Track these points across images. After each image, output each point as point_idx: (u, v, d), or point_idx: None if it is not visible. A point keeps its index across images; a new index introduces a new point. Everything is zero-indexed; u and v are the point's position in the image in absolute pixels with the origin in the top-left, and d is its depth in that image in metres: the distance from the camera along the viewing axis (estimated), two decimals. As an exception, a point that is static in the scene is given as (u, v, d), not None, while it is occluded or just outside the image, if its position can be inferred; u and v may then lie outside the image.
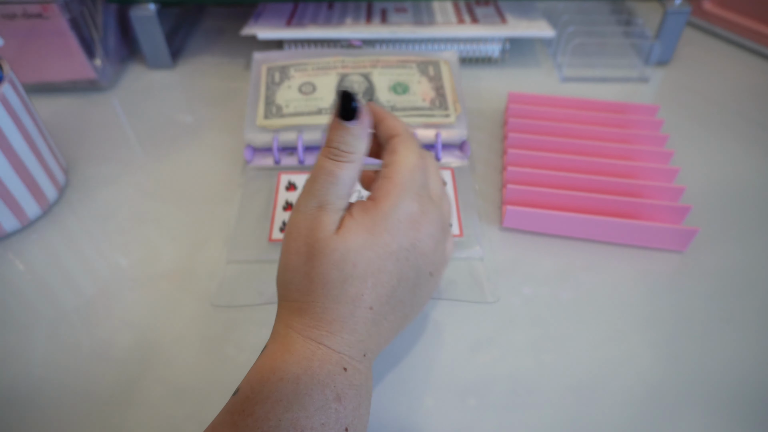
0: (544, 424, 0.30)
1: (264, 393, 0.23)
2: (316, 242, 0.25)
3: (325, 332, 0.25)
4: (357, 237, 0.25)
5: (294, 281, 0.26)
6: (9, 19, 0.48)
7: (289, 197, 0.43)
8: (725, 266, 0.38)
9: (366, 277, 0.25)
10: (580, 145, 0.45)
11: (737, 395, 0.31)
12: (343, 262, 0.25)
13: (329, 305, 0.25)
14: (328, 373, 0.24)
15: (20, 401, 0.31)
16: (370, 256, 0.25)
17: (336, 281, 0.25)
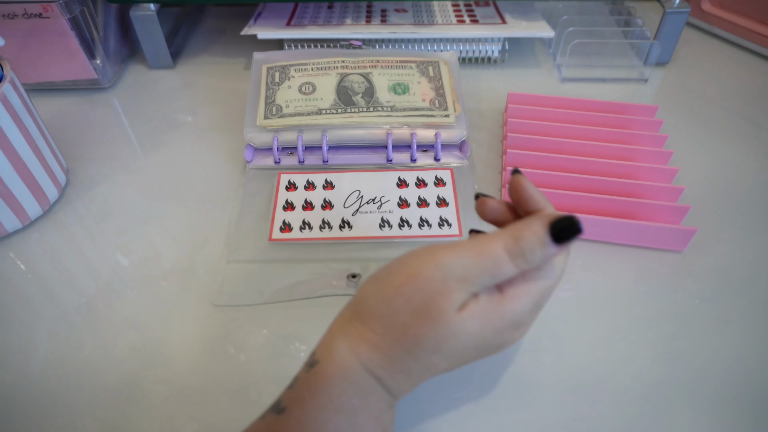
0: (544, 424, 0.30)
1: (319, 422, 0.23)
2: (435, 309, 0.24)
3: (390, 377, 0.24)
4: (471, 327, 0.24)
5: (387, 320, 0.24)
6: (9, 18, 0.48)
7: (289, 197, 0.42)
8: (724, 266, 0.38)
9: (452, 357, 0.25)
10: (580, 146, 0.45)
11: (736, 394, 0.31)
12: (446, 340, 0.24)
13: (409, 361, 0.24)
14: (380, 410, 0.24)
15: (21, 401, 0.31)
16: (467, 345, 0.25)
17: (429, 349, 0.24)
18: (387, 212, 0.41)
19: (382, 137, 0.45)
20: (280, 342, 0.34)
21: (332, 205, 0.42)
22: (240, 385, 0.32)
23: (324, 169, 0.45)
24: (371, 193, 0.42)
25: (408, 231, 0.40)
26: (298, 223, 0.40)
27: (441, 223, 0.40)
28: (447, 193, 0.42)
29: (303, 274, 0.38)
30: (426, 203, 0.42)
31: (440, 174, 0.44)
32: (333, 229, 0.40)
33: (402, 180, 0.43)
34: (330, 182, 0.43)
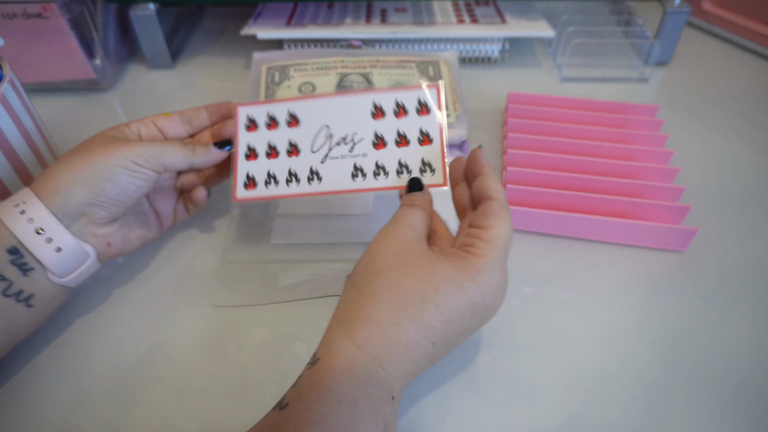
0: (544, 423, 0.30)
1: (320, 415, 0.23)
2: (406, 250, 0.27)
3: (388, 353, 0.25)
4: (446, 268, 0.26)
5: (374, 285, 0.26)
6: (9, 18, 0.48)
7: (250, 140, 0.37)
8: (724, 266, 0.38)
9: (442, 311, 0.26)
10: (580, 145, 0.45)
11: (736, 394, 0.31)
12: (427, 279, 0.26)
13: (402, 322, 0.25)
14: (381, 401, 0.24)
15: (21, 401, 0.31)
16: (453, 292, 0.26)
17: (417, 297, 0.25)
18: (360, 156, 0.35)
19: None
20: (280, 342, 0.34)
21: (298, 150, 0.36)
22: (240, 385, 0.32)
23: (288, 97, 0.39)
24: (342, 128, 0.36)
25: (384, 180, 0.34)
26: (262, 177, 0.36)
27: (423, 168, 0.34)
28: (432, 124, 0.35)
29: (303, 274, 0.37)
30: (406, 140, 0.35)
31: (421, 95, 0.35)
32: (301, 182, 0.36)
33: (378, 107, 0.36)
34: (294, 115, 0.37)
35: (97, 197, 0.31)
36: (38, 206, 0.30)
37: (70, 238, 0.31)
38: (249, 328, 0.35)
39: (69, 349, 0.34)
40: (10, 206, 0.30)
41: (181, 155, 0.34)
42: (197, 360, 0.33)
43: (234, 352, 0.33)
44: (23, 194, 0.31)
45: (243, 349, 0.33)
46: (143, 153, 0.32)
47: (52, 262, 0.30)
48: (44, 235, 0.30)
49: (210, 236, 0.41)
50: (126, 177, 0.32)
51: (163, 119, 0.37)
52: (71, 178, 0.31)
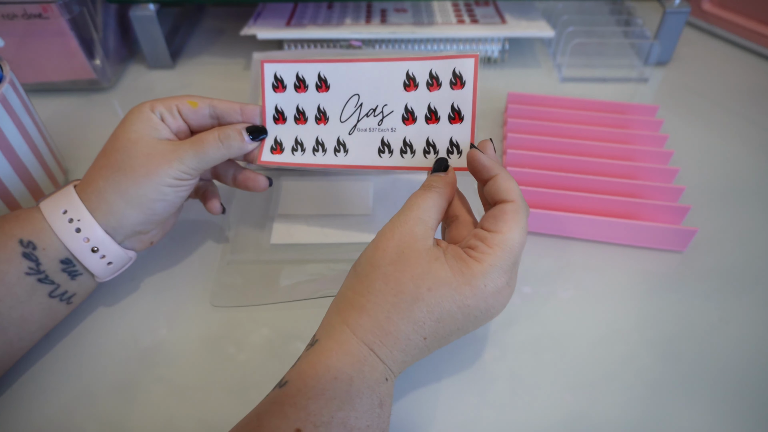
0: (544, 423, 0.30)
1: (318, 389, 0.24)
2: (407, 247, 0.27)
3: (379, 341, 0.26)
4: (442, 270, 0.27)
5: (371, 277, 0.27)
6: (9, 19, 0.48)
7: (279, 102, 0.36)
8: (724, 266, 0.38)
9: (433, 310, 0.26)
10: (580, 146, 0.45)
11: (736, 394, 0.31)
12: (421, 278, 0.26)
13: (393, 316, 0.26)
14: (375, 380, 0.25)
15: (21, 401, 0.31)
16: (447, 295, 0.26)
17: (409, 294, 0.26)
18: (389, 131, 0.34)
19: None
20: (280, 342, 0.34)
21: (327, 118, 0.35)
22: (240, 385, 0.32)
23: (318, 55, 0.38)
24: (373, 98, 0.35)
25: (410, 160, 0.33)
26: (290, 143, 0.36)
27: (450, 149, 0.33)
28: (464, 100, 0.33)
29: (302, 274, 0.38)
30: (436, 116, 0.33)
31: (458, 65, 0.33)
32: (327, 152, 0.35)
33: (411, 77, 0.34)
34: (324, 79, 0.36)
35: (149, 217, 0.32)
36: (94, 227, 0.31)
37: (120, 252, 0.33)
38: (249, 328, 0.35)
39: (69, 348, 0.34)
40: (63, 219, 0.30)
41: (218, 153, 0.33)
42: (197, 359, 0.33)
43: (234, 351, 0.33)
44: (75, 207, 0.31)
45: (243, 349, 0.33)
46: (186, 167, 0.32)
47: (102, 271, 0.32)
48: (99, 252, 0.32)
49: (210, 237, 0.41)
50: (173, 193, 0.33)
51: (189, 108, 0.34)
52: (124, 202, 0.31)
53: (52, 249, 0.30)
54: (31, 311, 0.30)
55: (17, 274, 0.29)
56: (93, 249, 0.31)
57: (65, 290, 0.31)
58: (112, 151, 0.32)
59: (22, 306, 0.30)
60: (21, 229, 0.30)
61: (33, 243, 0.30)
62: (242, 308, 0.36)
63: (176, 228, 0.41)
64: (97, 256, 0.31)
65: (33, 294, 0.30)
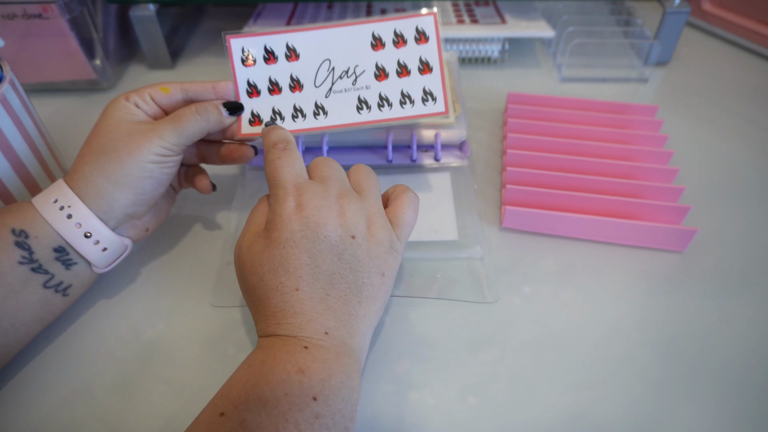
0: (544, 423, 0.30)
1: (233, 379, 0.26)
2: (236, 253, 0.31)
3: (274, 324, 0.27)
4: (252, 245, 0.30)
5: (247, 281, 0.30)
6: (9, 19, 0.48)
7: (250, 75, 0.37)
8: (724, 266, 0.38)
9: (274, 269, 0.28)
10: (580, 146, 0.45)
11: (736, 394, 0.31)
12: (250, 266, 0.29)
13: (264, 300, 0.28)
14: (287, 352, 0.26)
15: (21, 399, 0.31)
16: (260, 249, 0.29)
17: (255, 281, 0.29)
18: (364, 88, 0.36)
19: (382, 137, 0.45)
20: (280, 342, 0.34)
21: (301, 85, 0.37)
22: (240, 386, 0.32)
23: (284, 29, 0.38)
24: (344, 61, 0.36)
25: (388, 112, 0.36)
26: (267, 113, 0.37)
27: (425, 97, 0.36)
28: (430, 52, 0.36)
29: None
30: (407, 70, 0.36)
31: (419, 23, 0.36)
32: (307, 117, 0.36)
33: (377, 37, 0.36)
34: (293, 49, 0.37)
35: (138, 196, 0.33)
36: (85, 212, 0.31)
37: (115, 237, 0.33)
38: (249, 328, 0.35)
39: (69, 348, 0.34)
40: (54, 208, 0.31)
41: (197, 127, 0.34)
42: (197, 359, 0.33)
43: (234, 351, 0.33)
44: (65, 195, 0.31)
45: (243, 349, 0.33)
46: (167, 143, 0.33)
47: (99, 259, 0.32)
48: (92, 238, 0.32)
49: (210, 236, 0.41)
50: (158, 170, 0.33)
51: (161, 95, 0.35)
52: (111, 183, 0.32)
53: (45, 237, 0.30)
54: (26, 302, 0.30)
55: (10, 263, 0.29)
56: (86, 234, 0.31)
57: (60, 281, 0.31)
58: (94, 137, 0.33)
59: (16, 296, 0.30)
60: (12, 219, 0.30)
61: (25, 232, 0.30)
62: (242, 308, 0.36)
63: (176, 227, 0.41)
64: (91, 241, 0.31)
65: (27, 284, 0.30)
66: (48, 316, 0.32)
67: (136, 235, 0.35)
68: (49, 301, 0.31)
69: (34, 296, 0.30)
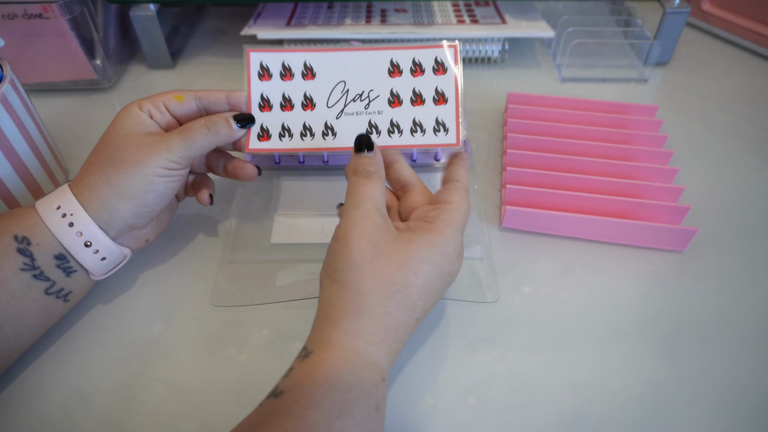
0: (544, 423, 0.30)
1: (315, 399, 0.24)
2: (380, 240, 0.28)
3: (382, 340, 0.27)
4: (419, 248, 0.28)
5: (357, 280, 0.27)
6: (9, 19, 0.48)
7: (264, 90, 0.37)
8: (724, 266, 0.38)
9: (422, 290, 0.28)
10: (580, 146, 0.45)
11: (736, 395, 0.31)
12: (405, 265, 0.27)
13: (391, 309, 0.27)
14: (373, 384, 0.25)
15: (21, 400, 0.31)
16: (429, 270, 0.28)
17: (399, 284, 0.27)
18: (376, 113, 0.36)
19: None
20: (280, 342, 0.34)
21: (314, 104, 0.36)
22: (240, 385, 0.32)
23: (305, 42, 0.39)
24: (359, 84, 0.36)
25: (398, 139, 0.35)
26: (277, 129, 0.36)
27: (437, 127, 0.35)
28: (447, 84, 0.35)
29: (302, 274, 0.38)
30: (421, 99, 0.35)
31: (439, 54, 0.36)
32: (315, 137, 0.36)
33: (395, 64, 0.36)
34: (310, 68, 0.37)
35: (141, 209, 0.33)
36: (87, 221, 0.31)
37: (114, 247, 0.33)
38: (249, 328, 0.35)
39: (70, 348, 0.34)
40: (57, 215, 0.31)
41: (206, 141, 0.34)
42: (197, 360, 0.33)
43: (234, 351, 0.33)
44: (68, 202, 0.31)
45: (243, 349, 0.33)
46: (174, 156, 0.32)
47: (97, 268, 0.32)
48: (92, 247, 0.32)
49: (210, 236, 0.41)
50: (163, 184, 0.33)
51: (175, 103, 0.36)
52: (115, 194, 0.32)
53: (46, 244, 0.30)
54: (28, 308, 0.30)
55: (12, 269, 0.29)
56: (86, 243, 0.31)
57: (61, 287, 0.31)
58: (103, 146, 0.33)
59: (18, 302, 0.30)
60: (15, 225, 0.30)
61: (27, 239, 0.30)
62: (242, 308, 0.36)
63: (176, 227, 0.41)
64: (91, 251, 0.31)
65: (29, 290, 0.30)
66: (49, 320, 0.32)
67: (136, 245, 0.35)
68: (50, 307, 0.31)
69: (35, 302, 0.30)
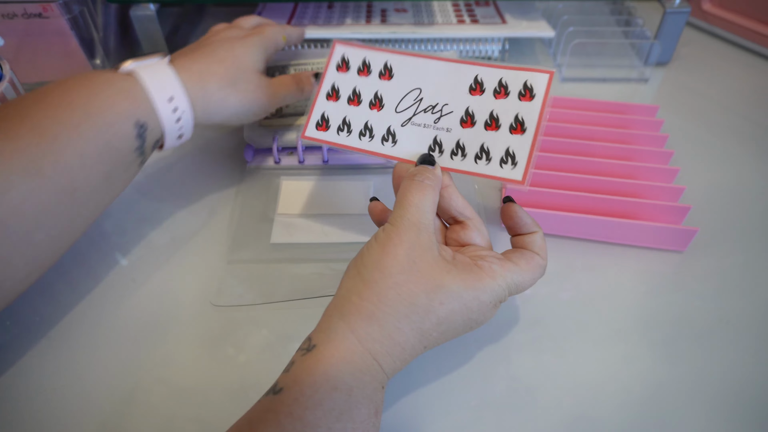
0: (544, 424, 0.30)
1: (316, 399, 0.23)
2: (418, 257, 0.27)
3: (386, 352, 0.26)
4: (454, 284, 0.27)
5: (382, 284, 0.26)
6: (9, 18, 0.48)
7: (337, 80, 0.36)
8: (724, 266, 0.38)
9: (441, 323, 0.27)
10: (580, 145, 0.45)
11: (736, 395, 0.31)
12: (434, 292, 0.26)
13: (403, 327, 0.26)
14: (374, 389, 0.25)
15: (20, 400, 0.31)
16: (455, 308, 0.27)
17: (422, 307, 0.26)
18: (444, 130, 0.32)
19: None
20: (280, 342, 0.34)
21: (382, 105, 0.34)
22: (240, 386, 0.32)
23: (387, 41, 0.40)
24: (434, 96, 0.33)
25: (459, 163, 0.31)
26: (337, 121, 0.35)
27: (504, 159, 0.31)
28: (531, 112, 0.31)
29: (303, 274, 0.37)
30: (497, 124, 0.31)
31: (531, 78, 0.31)
32: (374, 139, 0.34)
33: (479, 81, 0.33)
34: (390, 68, 0.35)
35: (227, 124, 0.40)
36: (190, 119, 0.36)
37: None
38: (249, 329, 0.35)
39: (69, 348, 0.34)
40: (169, 108, 0.34)
41: (294, 99, 0.43)
42: (197, 360, 0.33)
43: (234, 352, 0.33)
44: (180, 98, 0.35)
45: (243, 350, 0.33)
46: (273, 108, 0.41)
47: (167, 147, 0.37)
48: (183, 138, 0.37)
49: (210, 236, 0.41)
50: (254, 117, 0.40)
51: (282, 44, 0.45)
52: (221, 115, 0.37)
53: (155, 130, 0.34)
54: (129, 176, 0.35)
55: (129, 150, 0.33)
56: (180, 136, 0.36)
57: (144, 160, 0.35)
58: (228, 59, 0.37)
59: (126, 173, 0.34)
60: (137, 110, 0.33)
61: (146, 125, 0.33)
62: (242, 309, 0.36)
63: (177, 227, 0.41)
64: (179, 139, 0.37)
65: (133, 163, 0.34)
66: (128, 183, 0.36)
67: None
68: (134, 174, 0.35)
69: (133, 173, 0.35)
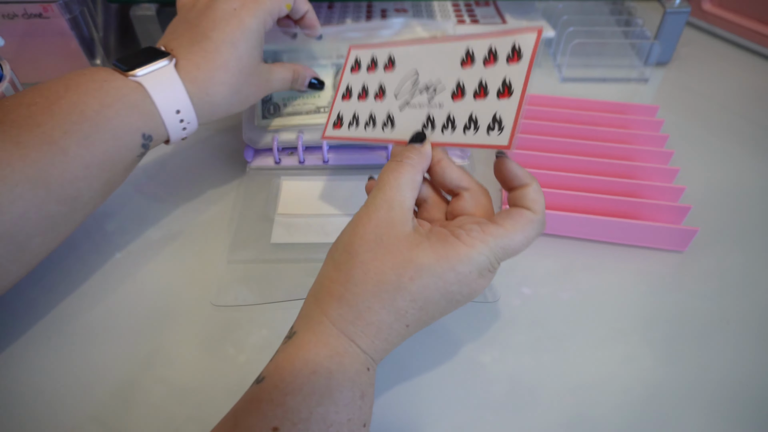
0: (544, 424, 0.30)
1: (296, 385, 0.23)
2: (385, 233, 0.26)
3: (360, 331, 0.25)
4: (423, 255, 0.25)
5: (349, 264, 0.26)
6: (9, 19, 0.48)
7: (351, 81, 0.38)
8: (725, 266, 0.38)
9: (416, 299, 0.25)
10: (580, 146, 0.45)
11: (736, 395, 0.31)
12: (402, 267, 0.25)
13: (375, 306, 0.25)
14: (356, 371, 0.25)
15: (19, 401, 0.31)
16: (428, 282, 0.25)
17: (390, 284, 0.25)
18: (436, 107, 0.33)
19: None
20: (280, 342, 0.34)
21: (385, 94, 0.36)
22: (240, 386, 0.31)
23: None
24: (430, 76, 0.34)
25: (450, 136, 0.32)
26: (348, 117, 0.37)
27: (491, 125, 0.31)
28: (518, 74, 0.31)
29: (303, 274, 0.37)
30: (485, 91, 0.32)
31: (518, 40, 0.31)
32: (376, 127, 0.35)
33: (470, 54, 0.33)
34: (393, 59, 0.36)
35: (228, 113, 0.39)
36: (195, 124, 0.37)
37: None
38: (249, 328, 0.35)
39: (69, 348, 0.34)
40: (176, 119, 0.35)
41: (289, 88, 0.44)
42: (197, 360, 0.33)
43: (234, 352, 0.33)
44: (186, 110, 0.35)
45: (243, 349, 0.33)
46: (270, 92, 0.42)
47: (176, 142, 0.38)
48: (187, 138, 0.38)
49: (210, 236, 0.41)
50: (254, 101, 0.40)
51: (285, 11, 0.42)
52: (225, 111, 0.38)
53: (160, 137, 0.35)
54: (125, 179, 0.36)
55: (132, 158, 0.34)
56: (184, 138, 0.38)
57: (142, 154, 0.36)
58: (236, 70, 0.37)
59: (124, 175, 0.35)
60: (143, 123, 0.34)
61: (151, 136, 0.35)
62: (242, 309, 0.36)
63: (177, 226, 0.41)
64: (182, 141, 0.40)
65: (133, 165, 0.35)
66: None
67: None
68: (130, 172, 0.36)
69: (131, 171, 0.36)
